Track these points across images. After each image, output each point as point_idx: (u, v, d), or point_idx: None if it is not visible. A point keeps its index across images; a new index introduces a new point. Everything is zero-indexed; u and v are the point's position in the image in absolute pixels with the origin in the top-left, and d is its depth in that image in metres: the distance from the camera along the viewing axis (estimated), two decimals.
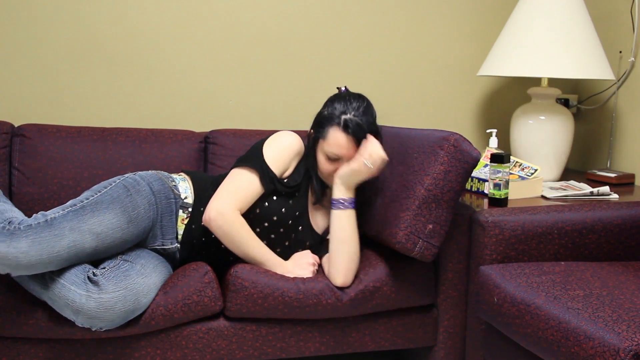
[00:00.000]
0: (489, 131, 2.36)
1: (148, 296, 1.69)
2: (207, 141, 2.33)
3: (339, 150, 1.83)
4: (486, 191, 2.16)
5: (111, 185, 1.77)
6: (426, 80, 2.74)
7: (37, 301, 1.68)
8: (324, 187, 1.94)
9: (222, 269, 1.91)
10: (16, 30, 2.33)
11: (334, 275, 1.83)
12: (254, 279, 1.79)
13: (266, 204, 1.86)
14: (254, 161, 1.86)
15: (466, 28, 2.75)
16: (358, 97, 1.88)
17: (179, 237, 1.88)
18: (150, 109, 2.48)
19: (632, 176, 2.45)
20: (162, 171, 1.97)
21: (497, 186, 2.00)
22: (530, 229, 1.91)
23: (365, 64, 2.66)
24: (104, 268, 1.66)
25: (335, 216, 1.84)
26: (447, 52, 2.74)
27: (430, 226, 1.78)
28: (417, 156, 1.83)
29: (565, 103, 2.73)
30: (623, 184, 2.41)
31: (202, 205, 1.87)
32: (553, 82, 2.69)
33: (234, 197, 1.80)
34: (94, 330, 1.64)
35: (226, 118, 2.54)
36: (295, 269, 1.86)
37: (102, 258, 1.72)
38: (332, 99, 1.89)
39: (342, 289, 1.84)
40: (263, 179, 1.84)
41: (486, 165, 2.20)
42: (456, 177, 1.79)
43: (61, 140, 2.17)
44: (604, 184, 2.34)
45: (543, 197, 2.15)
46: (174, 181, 1.92)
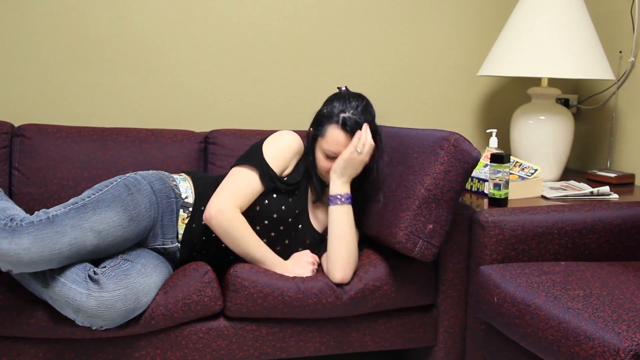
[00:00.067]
0: (489, 131, 2.36)
1: (148, 295, 1.69)
2: (207, 141, 2.33)
3: (337, 148, 1.84)
4: (486, 191, 2.16)
5: (112, 184, 1.77)
6: (426, 80, 2.74)
7: (38, 301, 1.68)
8: (323, 186, 1.95)
9: (222, 269, 1.91)
10: (16, 30, 2.34)
11: (333, 271, 1.83)
12: (253, 278, 1.79)
13: (266, 202, 1.87)
14: (254, 159, 1.86)
15: (466, 28, 2.75)
16: (357, 96, 1.89)
17: (180, 236, 1.88)
18: (150, 109, 2.48)
19: (632, 176, 2.45)
20: (162, 171, 1.97)
21: (497, 186, 2.00)
22: (530, 229, 1.91)
23: (365, 64, 2.66)
24: (105, 267, 1.66)
25: (332, 212, 1.84)
26: (447, 52, 2.74)
27: (431, 226, 1.78)
28: (417, 156, 1.83)
29: (565, 103, 2.73)
30: (623, 184, 2.41)
31: (203, 204, 1.87)
32: (553, 82, 2.69)
33: (234, 195, 1.81)
34: (94, 329, 1.64)
35: (226, 118, 2.55)
36: (295, 268, 1.86)
37: (102, 257, 1.72)
38: (332, 97, 1.90)
39: (342, 287, 1.84)
40: (263, 177, 1.84)
41: (486, 165, 2.20)
42: (456, 177, 1.79)
43: (61, 140, 2.17)
44: (604, 184, 2.34)
45: (543, 197, 2.15)
46: (174, 181, 1.92)
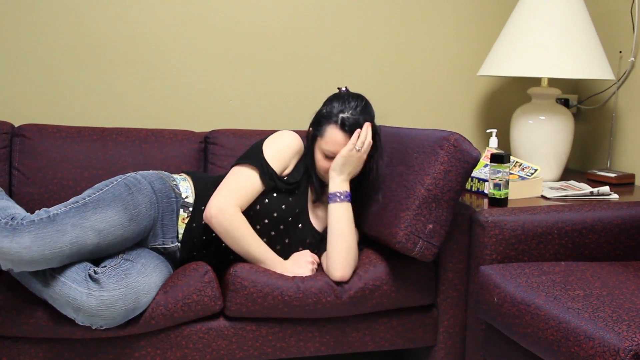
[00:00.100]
0: (489, 131, 2.36)
1: (148, 295, 1.69)
2: (207, 141, 2.33)
3: (335, 148, 1.84)
4: (486, 191, 2.16)
5: (113, 183, 1.78)
6: (426, 80, 2.74)
7: (38, 300, 1.68)
8: (322, 186, 1.95)
9: (222, 268, 1.91)
10: (16, 30, 2.34)
11: (332, 269, 1.83)
12: (253, 278, 1.79)
13: (266, 201, 1.87)
14: (254, 159, 1.87)
15: (466, 28, 2.75)
16: (356, 96, 1.89)
17: (180, 236, 1.88)
18: (150, 109, 2.48)
19: (632, 176, 2.45)
20: (162, 171, 1.97)
21: (497, 186, 2.00)
22: (530, 229, 1.91)
23: (365, 64, 2.66)
24: (105, 266, 1.66)
25: (332, 209, 1.85)
26: (447, 52, 2.74)
27: (431, 226, 1.78)
28: (417, 156, 1.83)
29: (565, 103, 2.73)
30: (623, 184, 2.41)
31: (203, 204, 1.87)
32: (553, 82, 2.69)
33: (235, 194, 1.81)
34: (94, 328, 1.65)
35: (226, 118, 2.55)
36: (294, 268, 1.86)
37: (103, 256, 1.72)
38: (331, 98, 1.91)
39: (342, 286, 1.84)
40: (263, 176, 1.85)
41: (486, 165, 2.20)
42: (456, 177, 1.79)
43: (61, 140, 2.17)
44: (604, 184, 2.34)
45: (543, 197, 2.15)
46: (174, 181, 1.92)
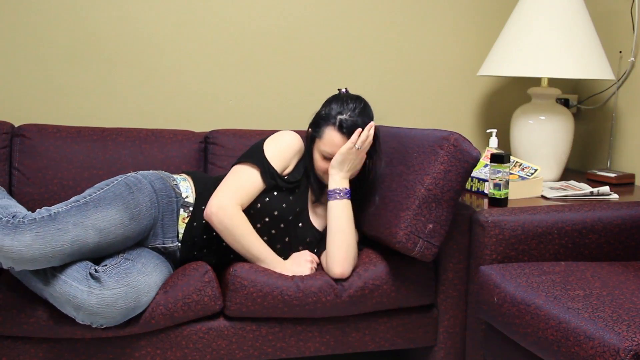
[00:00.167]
0: (489, 131, 2.36)
1: (149, 295, 1.70)
2: (207, 141, 2.33)
3: (333, 149, 1.85)
4: (486, 191, 2.16)
5: (113, 182, 1.78)
6: (426, 80, 2.74)
7: (38, 300, 1.68)
8: (321, 186, 1.95)
9: (222, 268, 1.91)
10: (16, 30, 2.34)
11: (332, 266, 1.83)
12: (253, 277, 1.79)
13: (267, 199, 1.87)
14: (255, 158, 1.87)
15: (466, 28, 2.75)
16: (355, 98, 1.89)
17: (180, 235, 1.89)
18: (150, 109, 2.48)
19: (632, 176, 2.45)
20: (163, 171, 1.97)
21: (497, 186, 2.00)
22: (530, 229, 1.91)
23: (365, 64, 2.66)
24: (106, 265, 1.67)
25: (331, 207, 1.85)
26: (447, 52, 2.74)
27: (431, 226, 1.78)
28: (417, 156, 1.83)
29: (565, 103, 2.73)
30: (623, 184, 2.41)
31: (204, 203, 1.87)
32: (553, 82, 2.69)
33: (236, 193, 1.81)
34: (94, 327, 1.65)
35: (226, 118, 2.55)
36: (294, 267, 1.86)
37: (103, 255, 1.73)
38: (330, 99, 1.91)
39: (342, 285, 1.84)
40: (264, 175, 1.85)
41: (486, 165, 2.20)
42: (456, 177, 1.79)
43: (61, 140, 2.17)
44: (604, 184, 2.34)
45: (543, 197, 2.15)
46: (175, 180, 1.93)
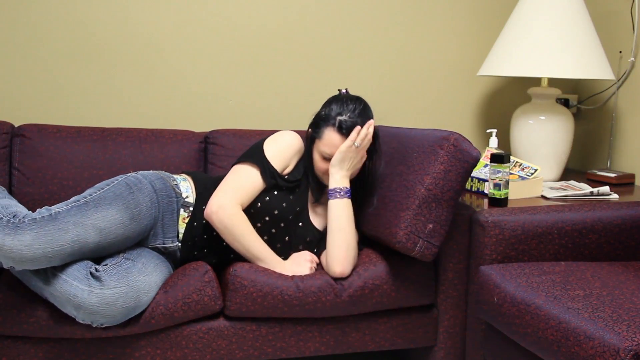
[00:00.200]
0: (489, 131, 2.36)
1: (149, 294, 1.70)
2: (207, 141, 2.33)
3: (332, 150, 1.85)
4: (486, 191, 2.16)
5: (114, 182, 1.78)
6: (426, 80, 2.74)
7: (38, 300, 1.68)
8: (321, 187, 1.96)
9: (222, 268, 1.91)
10: (16, 30, 2.34)
11: (332, 264, 1.83)
12: (252, 277, 1.79)
13: (267, 198, 1.87)
14: (255, 157, 1.88)
15: (466, 28, 2.75)
16: (355, 99, 1.90)
17: (180, 235, 1.89)
18: (150, 109, 2.48)
19: (632, 176, 2.45)
20: (163, 171, 1.97)
21: (497, 186, 2.00)
22: (530, 229, 1.91)
23: (365, 64, 2.66)
24: (106, 265, 1.67)
25: (332, 206, 1.85)
26: (447, 52, 2.74)
27: (431, 225, 1.78)
28: (417, 156, 1.83)
29: (565, 103, 2.73)
30: (623, 184, 2.41)
31: (204, 203, 1.87)
32: (553, 82, 2.69)
33: (236, 192, 1.82)
34: (94, 326, 1.65)
35: (226, 118, 2.55)
36: (293, 267, 1.86)
37: (104, 255, 1.73)
38: (330, 100, 1.92)
39: (341, 284, 1.83)
40: (264, 174, 1.86)
41: (486, 165, 2.20)
42: (456, 177, 1.79)
43: (61, 140, 2.17)
44: (604, 184, 2.34)
45: (543, 197, 2.15)
46: (175, 181, 1.93)
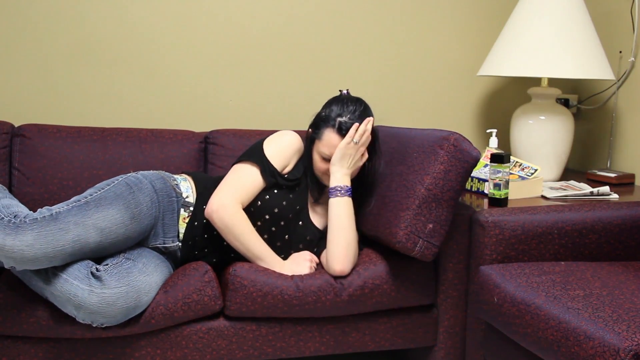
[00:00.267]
0: (489, 131, 2.36)
1: (149, 294, 1.70)
2: (207, 141, 2.33)
3: (331, 151, 1.86)
4: (486, 191, 2.16)
5: (114, 182, 1.79)
6: (426, 80, 2.74)
7: (38, 299, 1.68)
8: (320, 187, 1.96)
9: (223, 268, 1.91)
10: (16, 30, 2.34)
11: (332, 263, 1.83)
12: (252, 277, 1.79)
13: (267, 197, 1.88)
14: (255, 156, 1.88)
15: (466, 28, 2.75)
16: (356, 100, 1.90)
17: (180, 235, 1.89)
18: (150, 109, 2.48)
19: (632, 176, 2.45)
20: (163, 171, 1.98)
21: (497, 186, 2.00)
22: (530, 229, 1.91)
23: (365, 64, 2.66)
24: (107, 264, 1.67)
25: (332, 204, 1.85)
26: (447, 52, 2.74)
27: (431, 225, 1.78)
28: (417, 156, 1.83)
29: (565, 103, 2.73)
30: (623, 184, 2.41)
31: (204, 203, 1.88)
32: (553, 82, 2.69)
33: (236, 191, 1.82)
34: (95, 326, 1.65)
35: (226, 118, 2.55)
36: (293, 266, 1.87)
37: (104, 255, 1.73)
38: (331, 101, 1.92)
39: (341, 284, 1.83)
40: (264, 173, 1.86)
41: (486, 165, 2.20)
42: (456, 177, 1.79)
43: (61, 140, 2.17)
44: (604, 184, 2.34)
45: (543, 197, 2.15)
46: (175, 180, 1.93)
